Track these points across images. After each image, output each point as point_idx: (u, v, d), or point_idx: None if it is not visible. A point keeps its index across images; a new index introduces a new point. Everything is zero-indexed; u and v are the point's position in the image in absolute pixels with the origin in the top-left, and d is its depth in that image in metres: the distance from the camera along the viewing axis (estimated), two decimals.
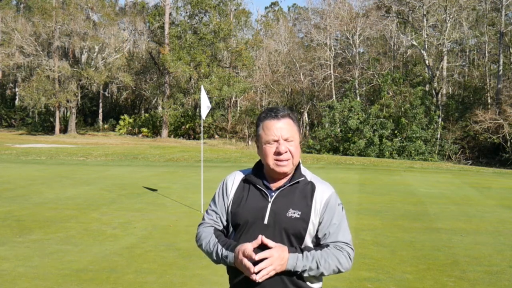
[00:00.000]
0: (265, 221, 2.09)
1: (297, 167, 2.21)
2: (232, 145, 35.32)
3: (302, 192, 2.15)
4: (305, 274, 2.05)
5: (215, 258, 2.15)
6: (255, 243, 2.00)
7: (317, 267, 2.03)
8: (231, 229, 2.22)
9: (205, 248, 2.20)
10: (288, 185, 2.15)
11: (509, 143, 30.48)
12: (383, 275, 5.43)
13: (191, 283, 5.16)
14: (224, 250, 2.10)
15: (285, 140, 2.12)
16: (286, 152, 2.11)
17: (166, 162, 19.29)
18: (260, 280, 1.99)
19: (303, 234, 2.09)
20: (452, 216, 8.97)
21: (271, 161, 2.13)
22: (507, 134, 30.08)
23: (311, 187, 2.17)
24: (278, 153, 2.11)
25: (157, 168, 17.32)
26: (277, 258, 1.98)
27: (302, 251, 2.05)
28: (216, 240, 2.16)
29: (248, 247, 2.00)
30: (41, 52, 40.11)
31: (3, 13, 42.41)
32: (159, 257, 6.04)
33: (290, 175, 2.19)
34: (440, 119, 33.04)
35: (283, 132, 2.12)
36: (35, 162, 18.39)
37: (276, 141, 2.12)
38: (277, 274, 2.02)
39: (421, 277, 5.40)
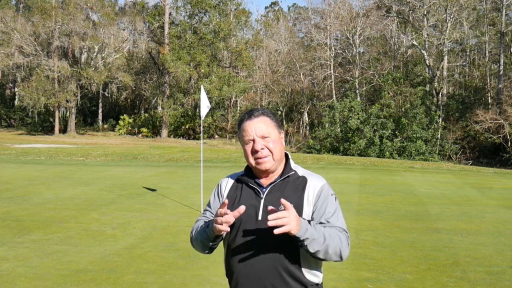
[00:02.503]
0: (259, 217, 2.10)
1: (287, 163, 2.23)
2: (232, 145, 35.28)
3: (293, 185, 2.16)
4: (311, 249, 1.98)
5: (200, 239, 2.16)
6: (237, 212, 1.97)
7: (324, 240, 1.99)
8: None
9: (194, 236, 2.23)
10: (279, 180, 2.17)
11: (509, 143, 30.46)
12: (383, 276, 5.41)
13: (191, 283, 5.14)
14: (206, 225, 2.14)
15: (261, 137, 2.15)
16: (263, 149, 2.14)
17: (166, 162, 19.26)
18: (271, 224, 1.87)
19: None
20: (453, 216, 8.95)
21: (252, 160, 2.17)
22: (508, 134, 30.06)
23: (303, 180, 2.18)
24: (255, 151, 2.14)
25: (157, 168, 17.30)
26: (295, 217, 1.92)
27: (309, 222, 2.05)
28: (203, 226, 2.19)
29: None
30: (40, 52, 40.10)
31: (2, 13, 42.37)
32: (159, 258, 6.02)
33: (281, 171, 2.21)
34: (440, 119, 33.02)
35: (257, 130, 2.15)
36: (35, 162, 18.37)
37: (252, 140, 2.16)
38: (271, 262, 2.02)
39: (422, 277, 5.38)
